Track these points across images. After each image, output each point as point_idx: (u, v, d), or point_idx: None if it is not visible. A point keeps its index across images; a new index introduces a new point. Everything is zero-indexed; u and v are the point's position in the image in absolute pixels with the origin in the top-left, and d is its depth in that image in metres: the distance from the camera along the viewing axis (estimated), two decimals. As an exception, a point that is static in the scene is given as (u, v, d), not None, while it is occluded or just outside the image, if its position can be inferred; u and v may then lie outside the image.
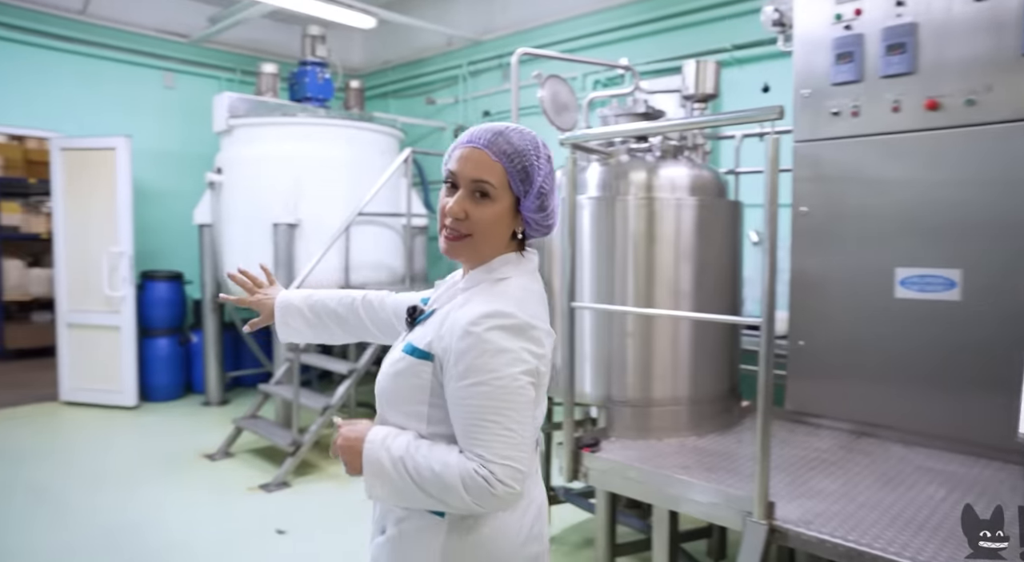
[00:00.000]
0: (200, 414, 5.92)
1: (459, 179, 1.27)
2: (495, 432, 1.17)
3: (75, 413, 5.91)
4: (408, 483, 1.21)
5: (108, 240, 5.95)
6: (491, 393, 1.18)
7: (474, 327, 1.20)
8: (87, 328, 6.11)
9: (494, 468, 1.16)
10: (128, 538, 3.52)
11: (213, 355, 6.20)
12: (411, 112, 7.41)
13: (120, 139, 5.89)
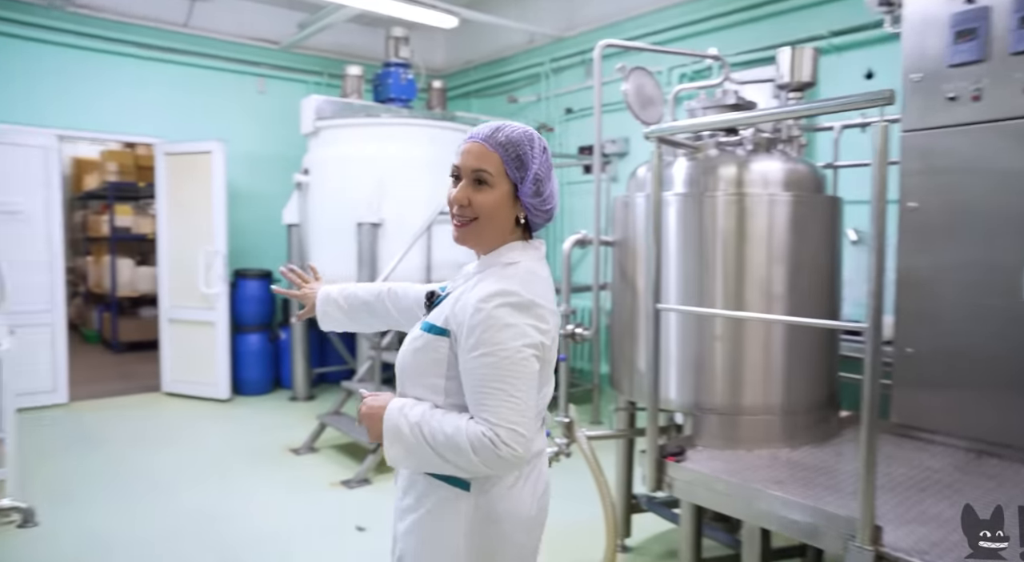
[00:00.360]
0: (287, 409, 6.10)
1: (461, 171, 1.42)
2: (500, 399, 1.28)
3: (175, 404, 6.21)
4: (423, 446, 1.32)
5: (204, 239, 6.23)
6: (497, 363, 1.29)
7: (484, 304, 1.31)
8: (186, 323, 6.42)
9: (499, 431, 1.26)
10: (219, 527, 3.64)
11: (300, 352, 6.37)
12: (493, 111, 7.40)
13: (215, 143, 6.15)
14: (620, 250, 3.07)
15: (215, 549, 3.42)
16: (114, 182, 8.54)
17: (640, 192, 2.92)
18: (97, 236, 9.48)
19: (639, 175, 3.05)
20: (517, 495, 1.40)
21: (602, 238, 3.10)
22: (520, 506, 1.41)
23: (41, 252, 6.00)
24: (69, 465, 4.52)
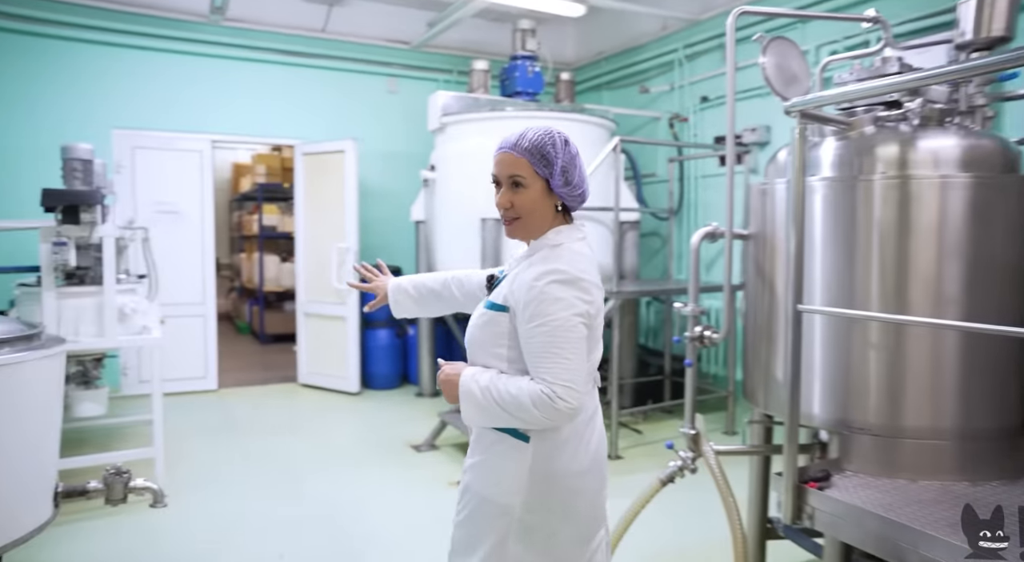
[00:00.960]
0: (412, 404, 6.17)
1: (500, 179, 1.65)
2: (555, 361, 1.50)
3: (309, 395, 6.46)
4: (493, 405, 1.54)
5: (337, 236, 6.43)
6: (551, 331, 1.51)
7: (537, 281, 1.53)
8: (320, 318, 6.67)
9: (555, 388, 1.49)
10: (339, 518, 3.67)
11: (426, 348, 6.43)
12: (625, 102, 7.10)
13: (348, 142, 6.33)
14: (756, 244, 2.73)
15: (334, 540, 3.44)
16: (263, 183, 9.10)
17: (780, 179, 2.57)
18: (249, 234, 10.17)
19: (779, 159, 2.69)
20: (571, 449, 1.61)
21: (736, 231, 2.76)
22: (572, 458, 1.61)
23: (195, 249, 6.45)
24: (209, 448, 4.78)
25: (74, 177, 3.92)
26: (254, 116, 6.66)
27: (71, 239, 3.67)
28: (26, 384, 2.47)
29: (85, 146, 3.99)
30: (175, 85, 6.32)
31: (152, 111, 6.24)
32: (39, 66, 5.84)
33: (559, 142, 1.62)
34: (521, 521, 1.59)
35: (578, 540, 1.64)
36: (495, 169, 1.66)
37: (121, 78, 6.13)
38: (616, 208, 4.86)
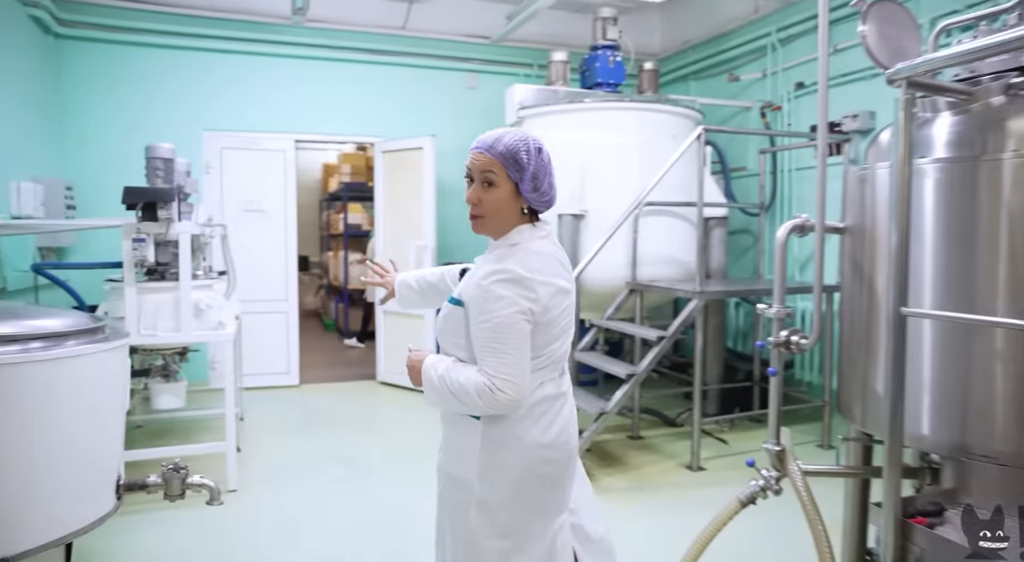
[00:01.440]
0: (489, 404, 6.05)
1: (473, 175, 1.73)
2: (496, 355, 1.61)
3: (386, 393, 6.47)
4: (447, 392, 1.66)
5: (415, 234, 6.40)
6: (493, 328, 1.61)
7: (483, 281, 1.63)
8: (398, 316, 6.67)
9: (495, 381, 1.59)
10: (403, 521, 3.57)
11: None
12: (713, 92, 6.73)
13: (426, 139, 6.28)
14: (853, 239, 2.40)
15: (395, 544, 3.34)
16: (348, 182, 9.26)
17: (883, 163, 2.24)
18: (336, 233, 10.38)
19: (881, 141, 2.35)
20: (525, 430, 1.70)
21: (829, 224, 2.44)
22: (528, 439, 1.70)
23: (279, 247, 6.58)
24: (284, 443, 4.82)
25: (156, 176, 4.02)
26: (335, 115, 6.74)
27: (150, 236, 3.75)
28: (88, 377, 2.48)
29: (166, 145, 4.08)
30: (260, 86, 6.47)
31: (238, 112, 6.41)
32: (133, 74, 6.10)
33: (532, 149, 1.71)
34: (479, 494, 1.71)
35: (535, 517, 1.73)
36: (469, 165, 1.73)
37: (210, 81, 6.32)
38: (700, 203, 4.55)
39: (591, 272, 4.65)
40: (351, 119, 6.80)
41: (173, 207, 3.68)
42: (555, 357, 1.75)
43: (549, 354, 1.72)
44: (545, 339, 1.69)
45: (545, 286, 1.66)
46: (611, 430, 5.09)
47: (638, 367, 4.28)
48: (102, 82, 6.02)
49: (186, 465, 2.64)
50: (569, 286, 1.75)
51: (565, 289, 1.72)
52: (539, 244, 1.73)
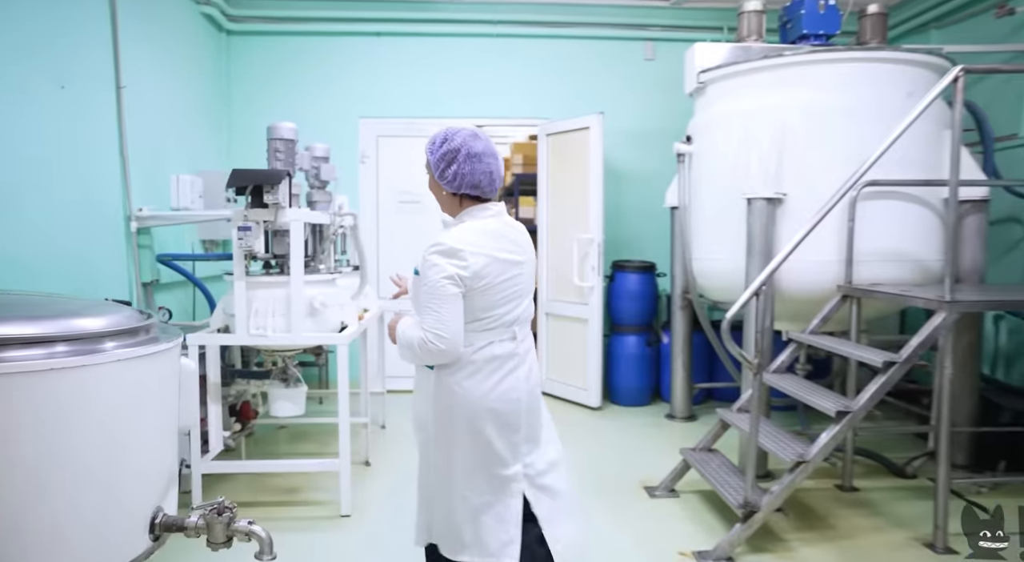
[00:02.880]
0: (660, 428, 5.10)
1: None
2: (428, 313, 1.98)
3: (547, 405, 5.74)
4: (404, 346, 2.06)
5: (580, 226, 5.62)
6: (428, 290, 1.98)
7: (425, 252, 2.02)
8: (560, 319, 5.94)
9: (427, 334, 1.98)
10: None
11: (681, 361, 5.31)
12: (976, 36, 5.16)
13: (593, 117, 5.48)
14: None
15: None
16: (519, 174, 8.69)
17: None
18: (511, 229, 9.89)
19: None
20: (472, 382, 2.06)
21: None
22: (472, 390, 2.06)
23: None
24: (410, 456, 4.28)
25: (276, 159, 3.65)
26: (496, 97, 6.17)
27: (259, 224, 3.35)
28: (119, 387, 2.02)
29: (287, 125, 3.69)
30: (416, 69, 6.08)
31: (394, 98, 6.07)
32: (294, 64, 6.00)
33: (437, 141, 2.10)
34: (433, 433, 2.12)
35: (485, 460, 2.08)
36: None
37: (367, 67, 6.05)
38: (954, 180, 3.25)
39: (789, 271, 3.59)
40: (513, 100, 6.19)
41: (280, 191, 3.24)
42: (504, 320, 2.08)
43: (494, 317, 2.05)
44: (486, 303, 2.03)
45: (476, 256, 1.98)
46: (812, 475, 3.93)
47: (854, 403, 3.13)
48: (265, 74, 5.97)
49: (234, 505, 2.12)
50: (514, 258, 2.07)
51: (505, 260, 2.03)
52: (484, 222, 2.06)
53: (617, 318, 5.76)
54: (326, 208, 4.36)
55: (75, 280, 3.72)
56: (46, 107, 3.55)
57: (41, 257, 3.48)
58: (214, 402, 3.61)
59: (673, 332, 5.36)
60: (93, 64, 3.96)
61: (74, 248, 3.74)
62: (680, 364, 5.31)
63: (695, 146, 4.70)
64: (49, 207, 3.57)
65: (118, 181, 4.19)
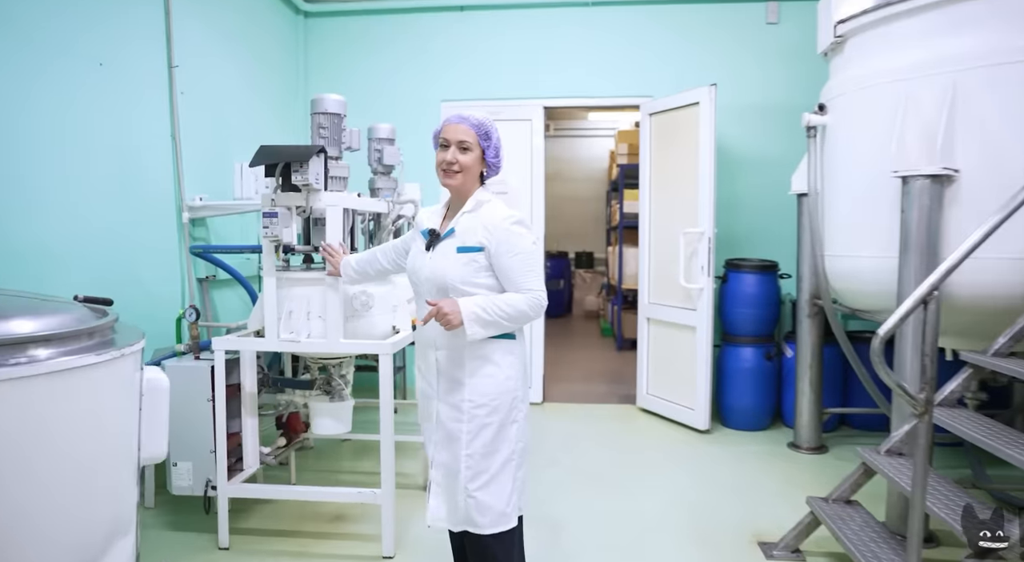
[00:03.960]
0: (781, 461, 4.21)
1: (449, 141, 2.17)
2: (534, 275, 2.13)
3: (645, 424, 4.99)
4: (498, 319, 2.07)
5: (687, 219, 4.81)
6: (524, 257, 2.11)
7: (503, 224, 2.11)
8: (663, 325, 5.15)
9: (539, 294, 2.12)
10: None
11: (808, 379, 4.39)
12: None
13: (703, 90, 4.66)
14: None
15: None
16: (623, 165, 7.95)
17: None
18: (616, 225, 9.14)
19: None
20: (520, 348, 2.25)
21: None
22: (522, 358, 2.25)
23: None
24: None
25: (319, 136, 3.15)
26: (592, 73, 5.46)
27: (290, 210, 2.86)
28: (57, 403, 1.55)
29: (334, 97, 3.19)
30: (501, 47, 5.49)
31: (478, 79, 5.51)
32: (372, 46, 5.58)
33: (492, 127, 2.21)
34: (492, 407, 2.15)
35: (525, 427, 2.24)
36: (446, 135, 2.17)
37: (448, 46, 5.53)
38: None
39: (960, 272, 2.66)
40: (611, 77, 5.45)
41: (311, 169, 2.72)
42: None
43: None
44: None
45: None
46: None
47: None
48: (342, 58, 5.59)
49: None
50: None
51: None
52: (498, 199, 2.23)
53: (730, 326, 4.90)
54: (390, 196, 3.85)
55: (114, 273, 3.40)
56: (84, 86, 3.24)
57: (73, 247, 3.17)
58: (249, 415, 3.17)
59: (799, 344, 4.45)
60: (140, 42, 3.64)
61: (114, 239, 3.43)
62: (807, 383, 4.40)
63: (830, 117, 3.79)
64: (86, 193, 3.26)
65: (169, 168, 3.87)
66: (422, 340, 2.28)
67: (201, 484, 3.07)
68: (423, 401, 2.30)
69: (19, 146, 2.90)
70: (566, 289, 11.29)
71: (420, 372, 2.31)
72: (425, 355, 2.26)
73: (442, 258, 2.14)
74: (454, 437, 2.15)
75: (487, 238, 2.09)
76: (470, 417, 2.13)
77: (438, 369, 2.20)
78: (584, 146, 12.22)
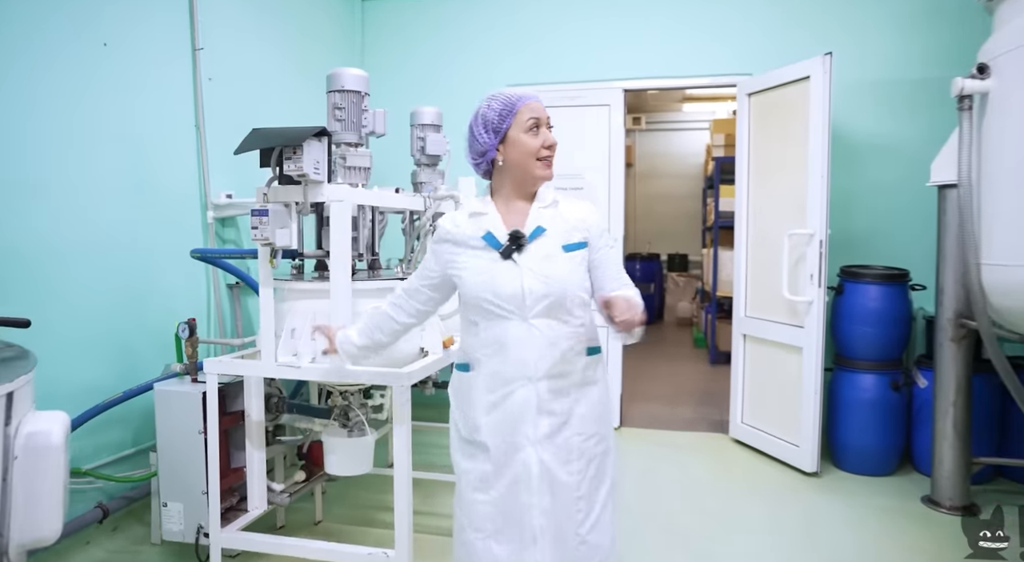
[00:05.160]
0: (916, 522, 3.34)
1: (541, 121, 1.77)
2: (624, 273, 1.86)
3: (737, 460, 4.21)
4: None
5: (793, 218, 4.01)
6: (617, 256, 1.89)
7: (593, 216, 1.83)
8: (762, 343, 4.35)
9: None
10: None
11: (950, 418, 3.49)
12: None
13: (815, 62, 3.83)
14: None
15: None
16: (719, 158, 7.09)
17: None
18: (711, 225, 8.27)
19: None
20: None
21: None
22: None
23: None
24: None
25: (335, 118, 2.63)
26: (682, 49, 4.71)
27: (289, 206, 2.35)
28: None
29: (354, 72, 2.66)
30: (574, 23, 4.85)
31: (548, 60, 4.90)
32: (432, 27, 5.08)
33: None
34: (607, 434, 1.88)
35: None
36: (538, 113, 1.76)
37: (515, 22, 4.94)
38: None
39: None
40: (702, 52, 4.69)
41: (306, 157, 2.20)
42: None
43: None
44: None
45: None
46: None
47: None
48: (401, 40, 5.12)
49: None
50: None
51: None
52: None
53: (846, 347, 4.04)
54: (430, 190, 3.31)
55: (124, 274, 3.03)
56: (92, 71, 2.88)
57: (79, 246, 2.83)
58: (255, 447, 2.70)
59: (938, 373, 3.55)
60: (158, 22, 3.26)
61: (127, 240, 3.06)
62: (950, 423, 3.50)
63: (993, 80, 2.91)
64: (92, 190, 2.90)
65: (193, 161, 3.48)
66: (505, 375, 1.75)
67: (193, 529, 2.62)
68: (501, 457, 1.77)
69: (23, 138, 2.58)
70: (657, 294, 10.45)
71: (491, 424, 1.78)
72: (508, 394, 1.75)
73: (548, 262, 1.73)
74: (560, 480, 1.75)
75: (585, 232, 1.78)
76: (580, 453, 1.78)
77: (538, 407, 1.74)
78: (678, 140, 11.35)
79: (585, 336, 1.79)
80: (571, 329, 1.75)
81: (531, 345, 1.71)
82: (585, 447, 1.79)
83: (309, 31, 4.52)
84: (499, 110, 1.74)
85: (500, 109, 1.74)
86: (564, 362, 1.75)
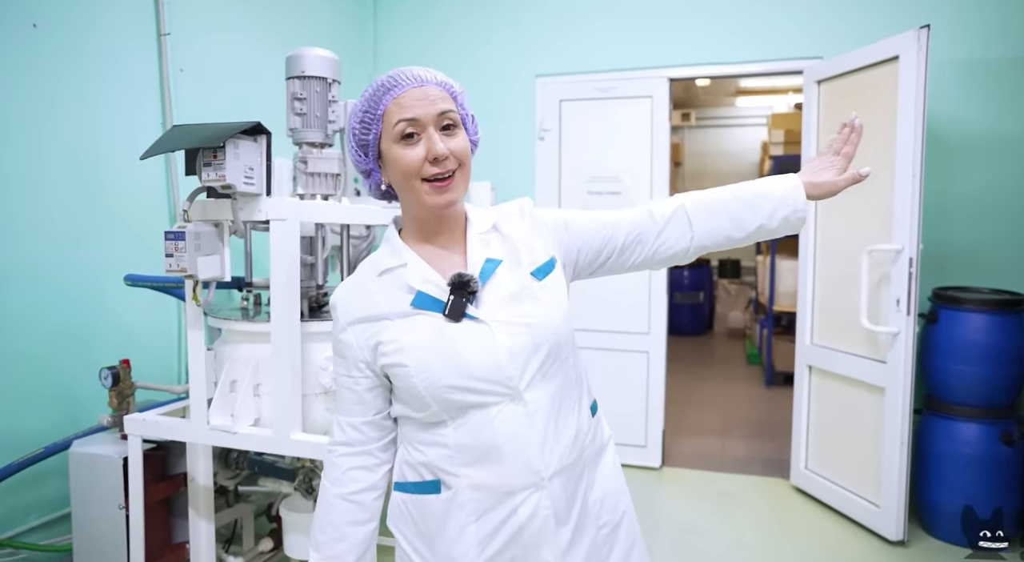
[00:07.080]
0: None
1: (420, 122, 1.14)
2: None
3: (799, 515, 3.54)
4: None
5: (873, 230, 3.31)
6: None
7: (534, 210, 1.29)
8: (832, 379, 3.66)
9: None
10: None
11: (1081, 485, 2.77)
12: None
13: (907, 37, 3.13)
14: None
15: None
16: (777, 156, 6.36)
17: None
18: (768, 230, 7.51)
19: None
20: None
21: None
22: None
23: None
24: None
25: (294, 112, 2.08)
26: (735, 33, 4.02)
27: (220, 226, 1.80)
28: None
29: (319, 53, 2.11)
30: (614, 5, 4.19)
31: (582, 47, 4.25)
32: (450, 12, 4.49)
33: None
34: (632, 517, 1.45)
35: None
36: (410, 112, 1.13)
37: (546, 8, 4.32)
38: None
39: None
40: (761, 34, 3.99)
41: (227, 161, 1.64)
42: None
43: None
44: None
45: None
46: None
47: None
48: (417, 26, 4.56)
49: None
50: None
51: None
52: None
53: (941, 388, 3.32)
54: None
55: (67, 303, 2.55)
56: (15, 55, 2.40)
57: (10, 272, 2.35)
58: (203, 518, 2.18)
59: (1062, 426, 2.83)
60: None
61: (71, 260, 2.58)
62: (1080, 491, 2.77)
63: None
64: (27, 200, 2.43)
65: (159, 168, 2.99)
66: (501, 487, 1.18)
67: (119, 624, 2.12)
68: None
69: None
70: (707, 302, 9.69)
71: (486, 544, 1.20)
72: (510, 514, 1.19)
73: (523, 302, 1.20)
74: None
75: (543, 240, 1.26)
76: (604, 541, 1.31)
77: (555, 517, 1.20)
78: (731, 137, 10.56)
79: (585, 388, 1.31)
80: (573, 388, 1.25)
81: (532, 432, 1.16)
82: (611, 538, 1.31)
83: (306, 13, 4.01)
84: (361, 115, 1.18)
85: (363, 112, 1.18)
86: (577, 441, 1.23)
